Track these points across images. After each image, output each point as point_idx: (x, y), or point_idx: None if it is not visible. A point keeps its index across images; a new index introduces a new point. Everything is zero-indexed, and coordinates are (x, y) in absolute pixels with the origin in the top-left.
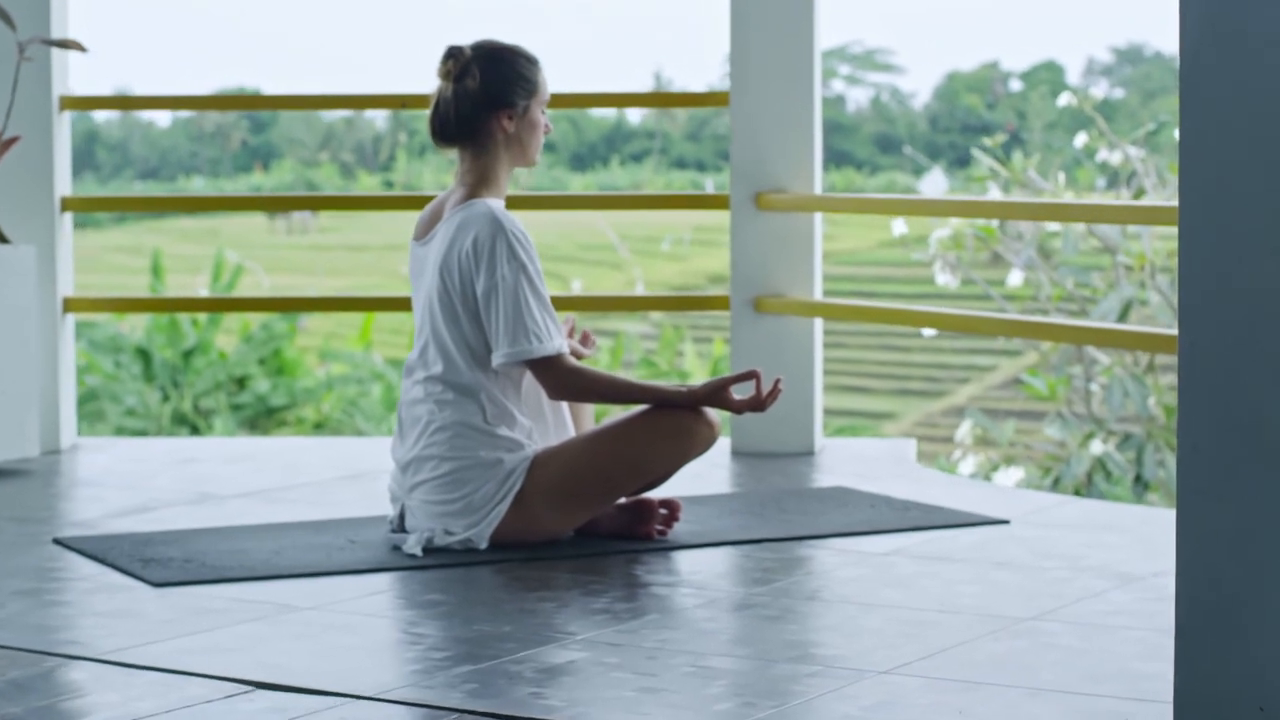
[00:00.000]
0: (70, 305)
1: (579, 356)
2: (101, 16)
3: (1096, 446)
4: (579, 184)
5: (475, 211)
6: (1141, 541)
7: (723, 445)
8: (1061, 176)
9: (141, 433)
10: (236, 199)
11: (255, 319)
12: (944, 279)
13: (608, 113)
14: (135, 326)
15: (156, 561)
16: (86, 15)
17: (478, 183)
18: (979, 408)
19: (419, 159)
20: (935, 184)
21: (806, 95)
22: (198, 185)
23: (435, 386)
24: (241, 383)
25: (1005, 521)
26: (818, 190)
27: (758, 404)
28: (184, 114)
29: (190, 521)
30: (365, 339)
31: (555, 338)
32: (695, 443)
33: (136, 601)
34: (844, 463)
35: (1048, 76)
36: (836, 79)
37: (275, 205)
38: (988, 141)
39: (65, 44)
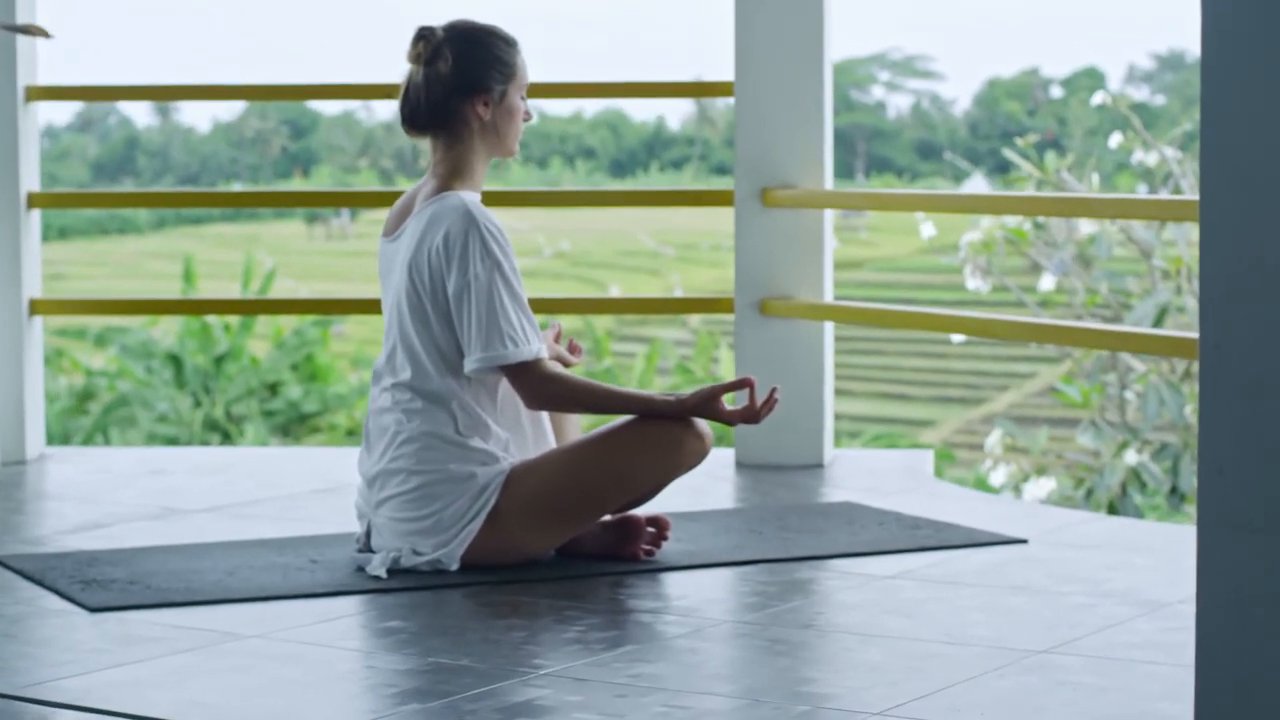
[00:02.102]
0: (37, 307)
1: (565, 365)
2: (72, 14)
3: (1131, 457)
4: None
5: (447, 205)
6: (1170, 564)
7: (725, 457)
8: (1095, 177)
9: (173, 439)
10: (208, 195)
11: (289, 324)
12: (974, 284)
13: (647, 118)
14: (167, 331)
15: (98, 583)
16: (57, 12)
17: (450, 174)
18: (1017, 415)
19: None
20: (976, 190)
21: (816, 83)
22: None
23: (403, 394)
24: (274, 389)
25: (1023, 541)
26: (828, 186)
27: (751, 415)
28: (224, 120)
29: (146, 538)
30: None
31: (532, 341)
32: (684, 456)
33: (67, 628)
34: (855, 476)
35: (1088, 83)
36: (876, 85)
37: (246, 201)
38: (1020, 141)
39: (28, 29)
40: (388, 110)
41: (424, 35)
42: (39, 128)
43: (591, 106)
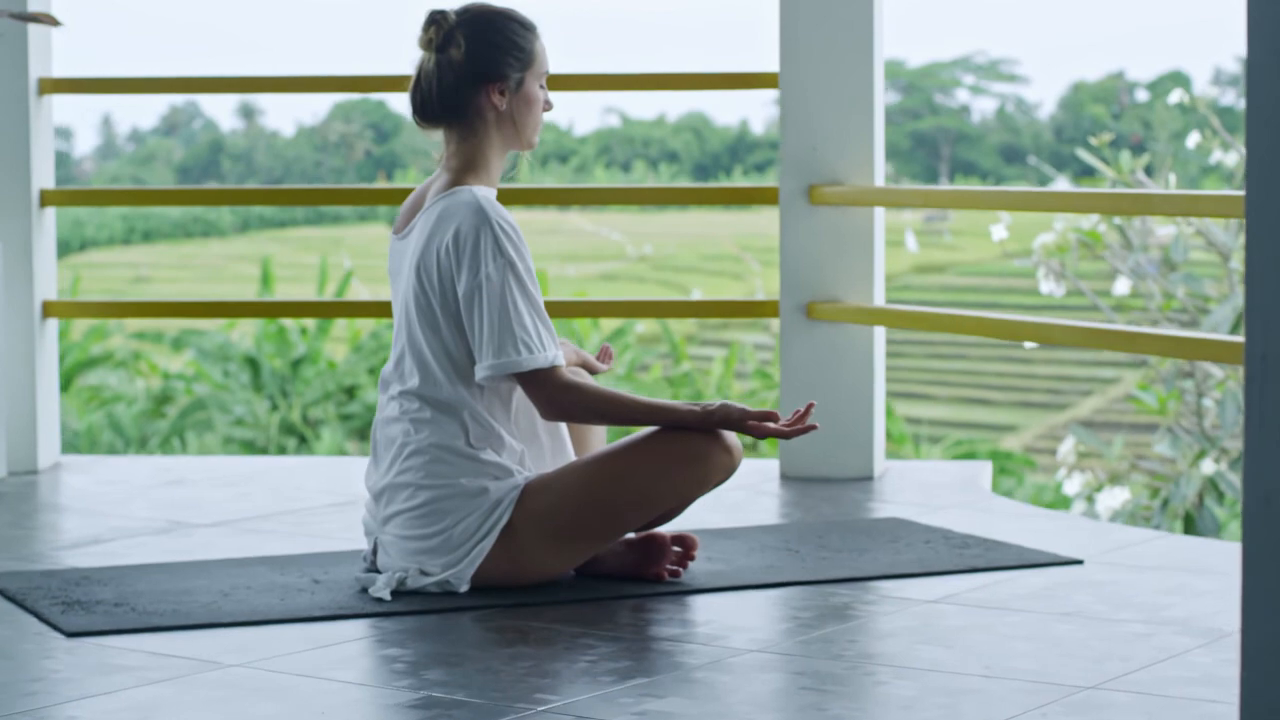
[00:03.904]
0: (51, 310)
1: (592, 372)
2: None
3: (1208, 466)
4: None
5: (458, 200)
6: (1235, 588)
7: (770, 469)
8: (1172, 178)
9: (249, 443)
10: (217, 192)
11: (366, 327)
12: (1047, 287)
13: (731, 122)
14: (245, 334)
15: (81, 605)
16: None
17: (463, 168)
18: (1101, 420)
19: (541, 168)
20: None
21: (866, 74)
22: None
23: (411, 403)
24: (350, 392)
25: (1078, 562)
26: (878, 182)
27: (781, 433)
28: (308, 123)
29: (146, 555)
30: None
31: (548, 347)
32: (710, 471)
33: (41, 654)
34: (906, 489)
35: (1174, 86)
36: (961, 89)
37: (254, 200)
38: (1094, 140)
39: (36, 18)
40: None
41: (435, 20)
42: (52, 121)
43: (675, 109)
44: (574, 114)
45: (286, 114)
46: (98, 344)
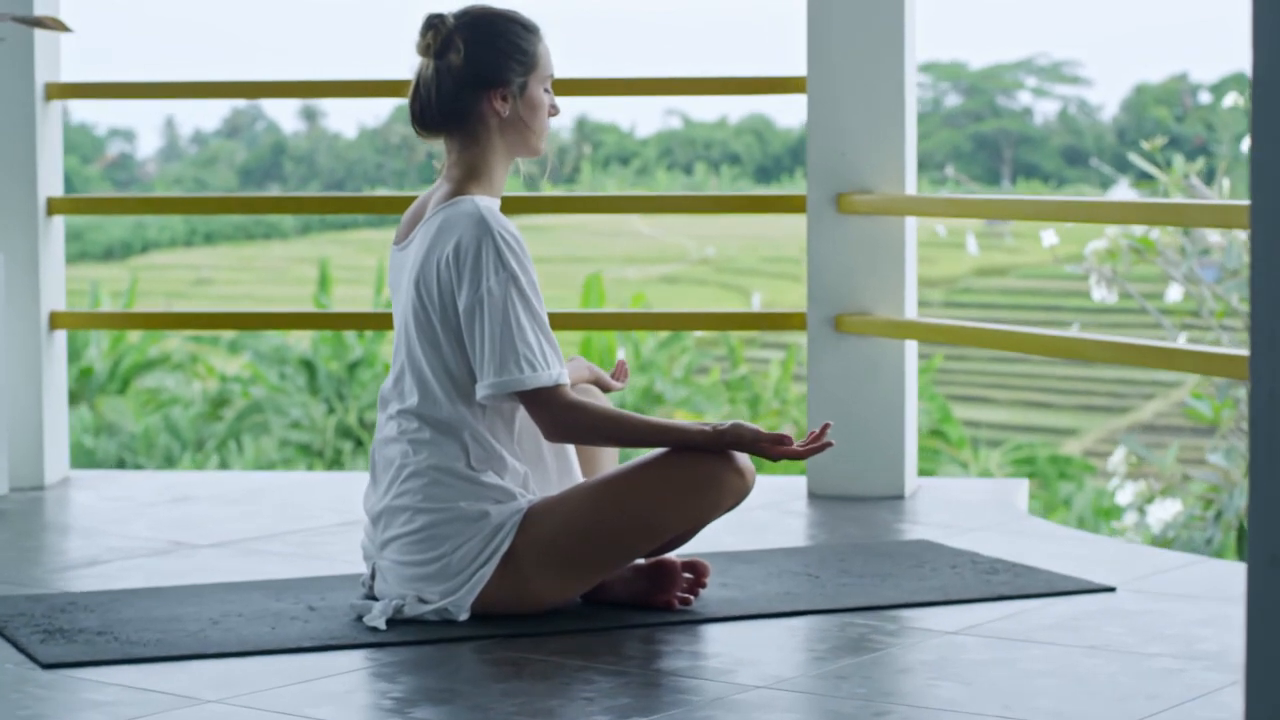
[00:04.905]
0: (58, 321)
1: (606, 389)
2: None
3: None
4: None
5: (459, 211)
6: None
7: (797, 487)
8: (1226, 182)
9: (306, 446)
10: (220, 200)
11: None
12: (1099, 294)
13: (792, 125)
14: (301, 337)
15: (63, 634)
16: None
17: (465, 177)
18: (1163, 425)
19: (603, 170)
20: (1123, 197)
21: (896, 77)
22: None
23: (410, 422)
24: None
25: (1110, 589)
26: (910, 190)
27: (794, 454)
28: (370, 125)
29: (141, 578)
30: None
31: (552, 365)
32: (721, 496)
33: (14, 688)
34: (936, 510)
35: (1238, 88)
36: (1023, 91)
37: (264, 209)
38: (1146, 145)
39: (41, 23)
40: None
41: (433, 24)
42: (60, 127)
43: (736, 112)
44: (635, 116)
45: (349, 116)
46: (155, 346)
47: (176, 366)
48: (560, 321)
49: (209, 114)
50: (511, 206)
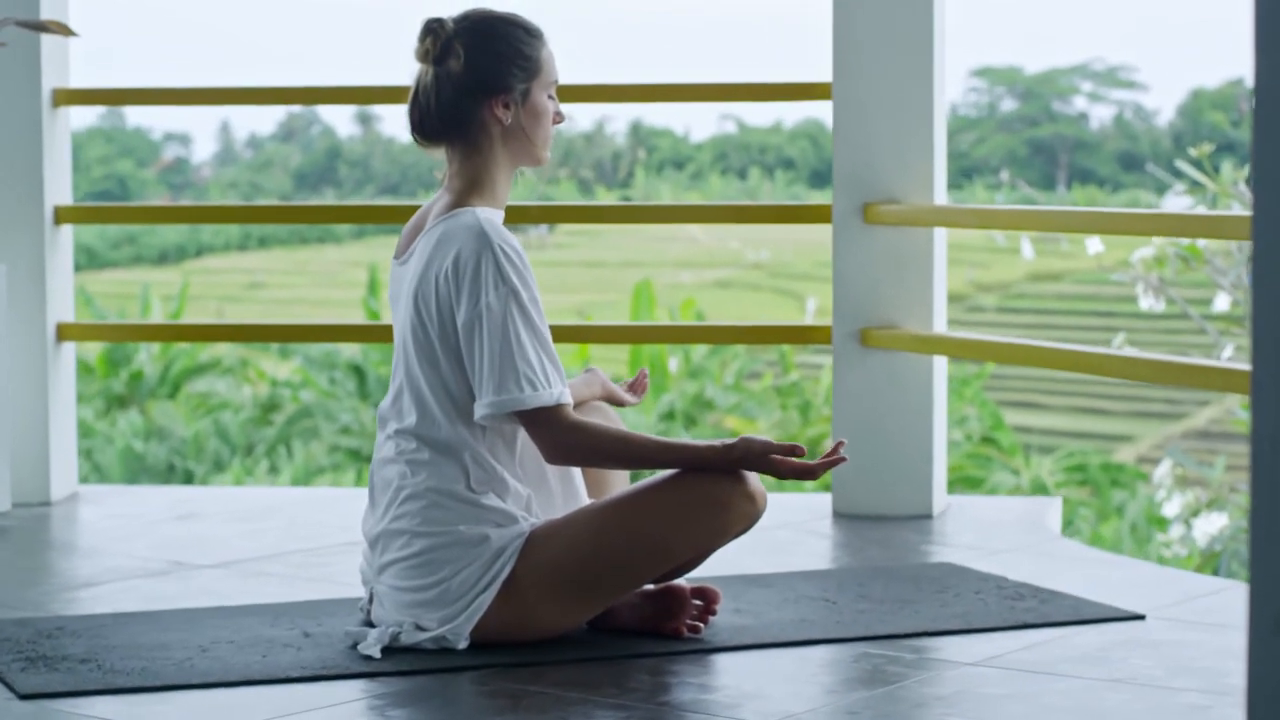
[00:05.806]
0: (65, 333)
1: (619, 405)
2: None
3: None
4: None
5: (459, 223)
6: None
7: (822, 505)
8: None
9: (355, 451)
10: (223, 209)
11: None
12: (1146, 302)
13: None
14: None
15: (45, 661)
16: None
17: (467, 188)
18: (1217, 431)
19: (657, 175)
20: (1179, 203)
21: (925, 83)
22: None
23: (408, 443)
24: None
25: (1139, 617)
26: (939, 200)
27: (807, 470)
28: None
29: (136, 601)
30: (584, 356)
31: (554, 384)
32: (730, 520)
33: None
34: (965, 530)
35: None
36: (1079, 95)
37: (267, 218)
38: (1194, 151)
39: (45, 27)
40: (588, 119)
41: (432, 29)
42: (69, 134)
43: (791, 117)
44: (690, 121)
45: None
46: (205, 351)
47: (227, 371)
48: (564, 334)
49: (265, 118)
50: (514, 215)
